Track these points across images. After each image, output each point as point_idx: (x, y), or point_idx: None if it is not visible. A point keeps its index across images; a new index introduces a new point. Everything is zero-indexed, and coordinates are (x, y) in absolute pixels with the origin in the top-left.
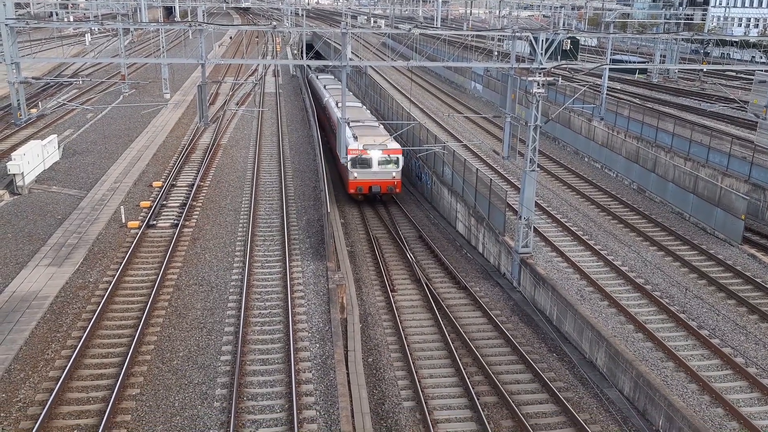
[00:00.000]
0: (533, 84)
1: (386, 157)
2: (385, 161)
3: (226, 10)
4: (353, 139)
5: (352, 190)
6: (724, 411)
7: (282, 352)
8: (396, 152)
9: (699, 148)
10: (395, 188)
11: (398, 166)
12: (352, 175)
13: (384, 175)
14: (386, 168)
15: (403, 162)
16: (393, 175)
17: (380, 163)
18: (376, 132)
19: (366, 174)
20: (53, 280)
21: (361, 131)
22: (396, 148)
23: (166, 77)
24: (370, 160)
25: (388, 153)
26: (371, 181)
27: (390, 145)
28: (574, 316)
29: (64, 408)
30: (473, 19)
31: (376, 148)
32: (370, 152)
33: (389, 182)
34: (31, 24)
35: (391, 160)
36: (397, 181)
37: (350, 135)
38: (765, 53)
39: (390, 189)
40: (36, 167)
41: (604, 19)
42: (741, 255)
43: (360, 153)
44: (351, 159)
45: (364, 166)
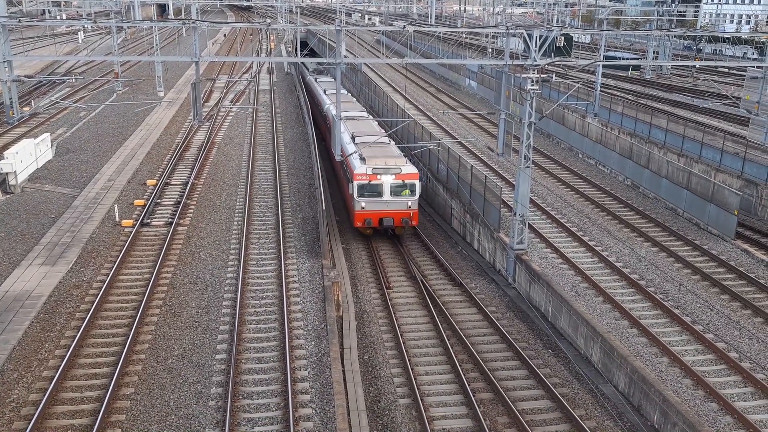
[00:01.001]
0: (527, 81)
1: (400, 183)
2: (400, 189)
3: (220, 7)
4: (360, 160)
5: (359, 222)
6: (718, 406)
7: (277, 350)
8: (412, 177)
9: (692, 144)
10: (411, 221)
11: (415, 194)
12: (358, 205)
13: (398, 205)
14: (400, 197)
15: (421, 188)
16: (408, 205)
17: (393, 191)
18: (387, 151)
19: (376, 204)
20: (46, 280)
21: (369, 151)
22: (412, 172)
23: (159, 75)
24: (381, 188)
25: (402, 178)
26: (382, 212)
27: (405, 169)
28: (569, 312)
29: (58, 408)
30: (467, 16)
31: (389, 173)
32: (381, 178)
33: (404, 213)
34: (24, 22)
35: (407, 187)
36: (413, 212)
37: (356, 155)
38: (757, 50)
39: (405, 222)
40: (29, 166)
41: (598, 16)
42: (734, 250)
43: (369, 179)
44: (358, 186)
45: (373, 194)
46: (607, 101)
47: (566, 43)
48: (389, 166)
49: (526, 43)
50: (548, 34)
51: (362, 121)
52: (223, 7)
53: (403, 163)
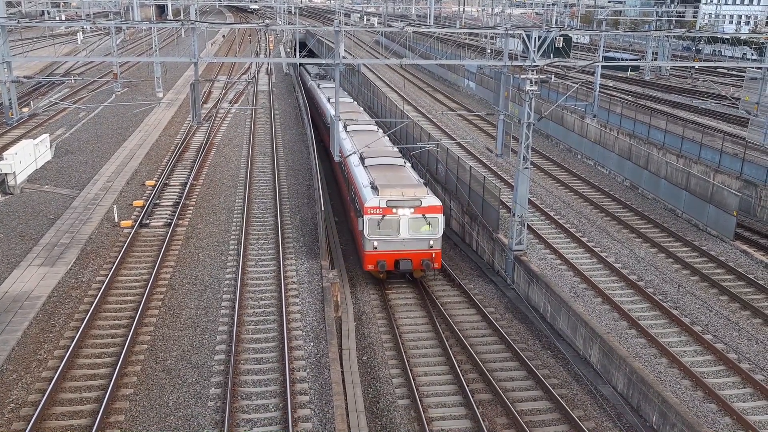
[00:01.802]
0: (526, 81)
1: (421, 218)
2: (419, 224)
3: (219, 8)
4: (371, 190)
5: (370, 265)
6: (717, 406)
7: (276, 351)
8: (434, 210)
9: (691, 145)
10: (433, 263)
11: (437, 231)
12: (369, 245)
13: (417, 245)
14: (420, 234)
15: (444, 223)
16: (430, 244)
17: (412, 227)
18: (404, 178)
19: (391, 243)
20: (45, 280)
21: (382, 177)
22: (434, 205)
23: (158, 76)
24: (398, 224)
25: (423, 212)
26: (399, 253)
27: (426, 201)
28: (568, 313)
29: (57, 409)
30: (466, 16)
31: (407, 206)
32: (398, 212)
33: (424, 254)
34: (23, 23)
35: (428, 223)
36: (435, 252)
37: (366, 182)
38: (756, 50)
39: (426, 264)
40: (28, 166)
41: (597, 17)
42: (733, 251)
43: (382, 213)
44: (369, 222)
45: (387, 231)
46: (606, 102)
47: (565, 44)
48: (407, 197)
49: (524, 44)
50: (547, 34)
51: (371, 134)
52: (221, 8)
53: (424, 194)
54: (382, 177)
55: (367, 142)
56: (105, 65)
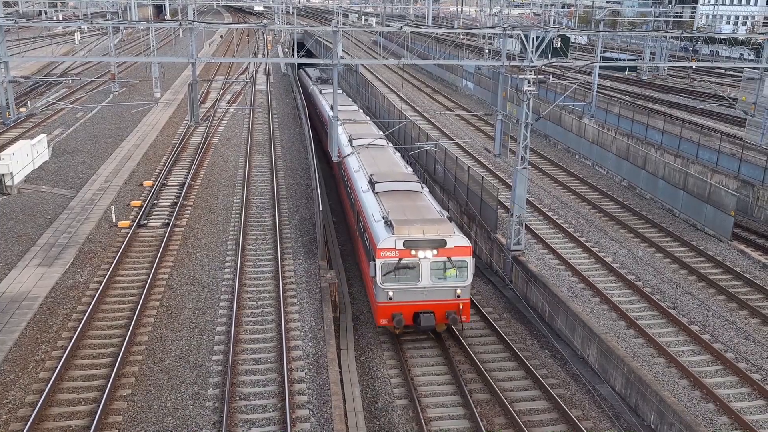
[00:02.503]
0: (524, 82)
1: (445, 262)
2: (443, 268)
3: (216, 8)
4: (384, 227)
5: (384, 319)
6: (715, 406)
7: (274, 351)
8: (462, 252)
9: (689, 145)
10: (460, 316)
11: (466, 277)
12: (383, 295)
13: (441, 294)
14: (445, 281)
15: (474, 267)
16: (457, 294)
17: (435, 273)
18: (422, 208)
19: (409, 292)
20: (43, 281)
21: (397, 209)
22: (462, 245)
23: (156, 76)
24: (417, 269)
25: (448, 254)
26: (418, 304)
27: (452, 241)
28: (566, 313)
29: (55, 409)
30: (464, 17)
31: (429, 247)
32: (418, 254)
33: (449, 305)
34: (20, 23)
35: (454, 267)
36: (463, 303)
37: (377, 215)
38: (753, 51)
39: (452, 317)
40: (25, 167)
41: (594, 17)
42: (731, 251)
43: (399, 256)
44: (382, 266)
45: (405, 278)
46: (603, 102)
47: (563, 44)
48: (429, 236)
49: (522, 44)
50: (545, 35)
51: (379, 149)
52: (219, 8)
53: (449, 231)
54: (397, 209)
55: (376, 159)
56: (102, 65)
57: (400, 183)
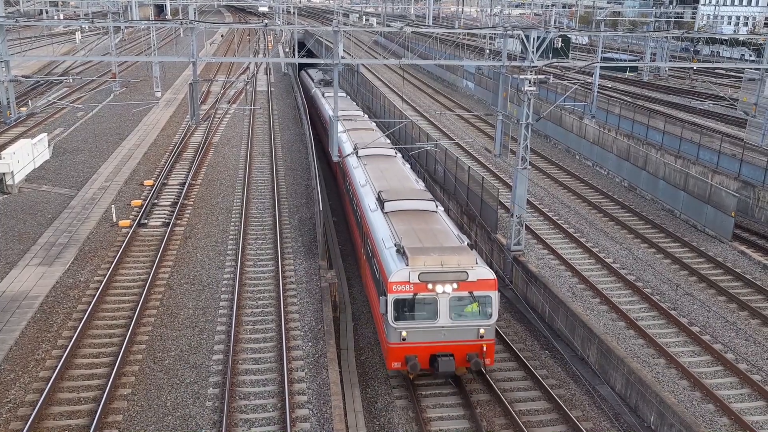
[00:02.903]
0: (525, 82)
1: (467, 298)
2: (465, 306)
3: (217, 8)
4: (397, 255)
5: (397, 362)
6: (715, 407)
7: (274, 351)
8: (486, 287)
9: (689, 146)
10: (484, 359)
11: (491, 315)
12: (395, 335)
13: (461, 334)
14: (466, 320)
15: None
16: (480, 334)
17: (455, 310)
18: (438, 233)
19: (425, 333)
20: (43, 280)
21: (410, 234)
22: (487, 279)
23: (157, 75)
24: (435, 305)
25: (470, 288)
26: (436, 345)
27: (474, 273)
28: (566, 314)
29: (55, 408)
30: (465, 17)
31: (447, 281)
32: (436, 289)
33: (471, 347)
34: (21, 22)
35: (477, 303)
36: (487, 345)
37: (388, 241)
38: (754, 51)
39: (474, 361)
40: (26, 166)
41: (595, 18)
42: (731, 252)
43: (413, 291)
44: (394, 303)
45: (421, 316)
46: (604, 103)
47: (564, 45)
48: (448, 267)
49: (523, 45)
50: (546, 35)
51: (388, 161)
52: (220, 8)
53: (472, 262)
54: (411, 233)
55: (384, 172)
56: (103, 65)
57: (412, 201)
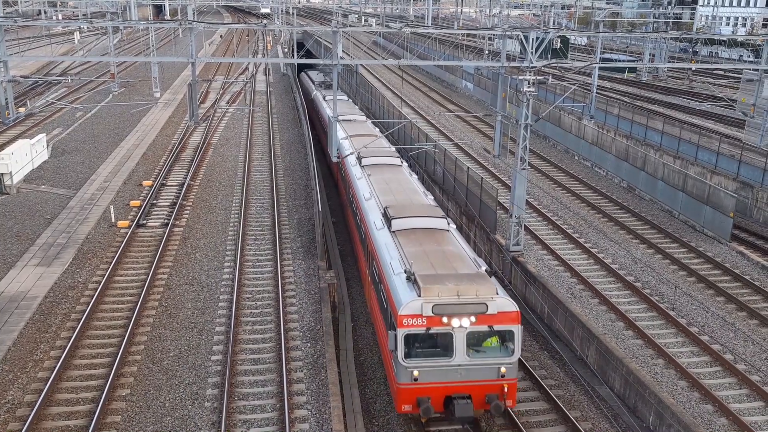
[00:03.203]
0: (524, 82)
1: (486, 332)
2: (481, 338)
3: (216, 8)
4: (407, 284)
5: (407, 405)
6: (713, 407)
7: (273, 352)
8: (508, 320)
9: (688, 147)
10: (504, 400)
11: (513, 351)
12: (405, 375)
13: (480, 373)
14: (485, 357)
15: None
16: (501, 372)
17: (472, 346)
18: (453, 257)
19: (439, 372)
20: (42, 280)
21: (422, 259)
22: (508, 310)
23: (156, 76)
24: (450, 341)
25: (490, 322)
26: (451, 386)
27: (494, 305)
28: (565, 314)
29: (54, 409)
30: (464, 17)
31: (464, 313)
32: (451, 323)
33: (491, 387)
34: (20, 22)
35: (498, 338)
36: (508, 385)
37: (397, 266)
38: (753, 52)
39: (494, 404)
40: (24, 166)
41: (594, 18)
42: (730, 252)
43: (426, 324)
44: (404, 338)
45: (434, 353)
46: (603, 103)
47: (562, 45)
48: (465, 298)
49: (522, 45)
50: (545, 35)
51: (394, 171)
52: (219, 8)
53: (491, 292)
54: (421, 256)
55: (390, 184)
56: (102, 65)
57: (422, 219)
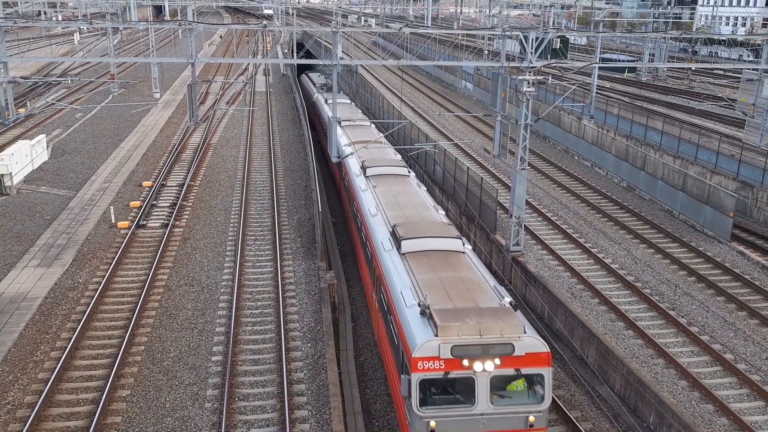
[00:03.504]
0: (523, 82)
1: (513, 376)
2: (507, 383)
3: (216, 9)
4: (421, 320)
5: None
6: (714, 407)
7: (273, 352)
8: (538, 362)
9: (688, 146)
10: None
11: (543, 397)
12: (420, 425)
13: (506, 423)
14: (511, 404)
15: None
16: (530, 422)
17: (497, 392)
18: (472, 285)
19: (460, 422)
20: (42, 281)
21: (436, 287)
22: (537, 351)
23: (155, 76)
24: (472, 386)
25: (516, 364)
26: None
27: (521, 345)
28: (565, 314)
29: (54, 410)
30: (463, 18)
31: (488, 356)
32: (474, 366)
33: None
34: (19, 23)
35: (525, 383)
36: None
37: (409, 297)
38: (752, 52)
39: None
40: (24, 167)
41: (594, 18)
42: (730, 252)
43: (444, 368)
44: (419, 383)
45: (454, 400)
46: (603, 103)
47: (562, 45)
48: (489, 338)
49: (522, 45)
50: (544, 36)
51: (401, 183)
52: (219, 9)
53: (518, 329)
54: (436, 285)
55: (398, 198)
56: (102, 66)
57: (435, 240)
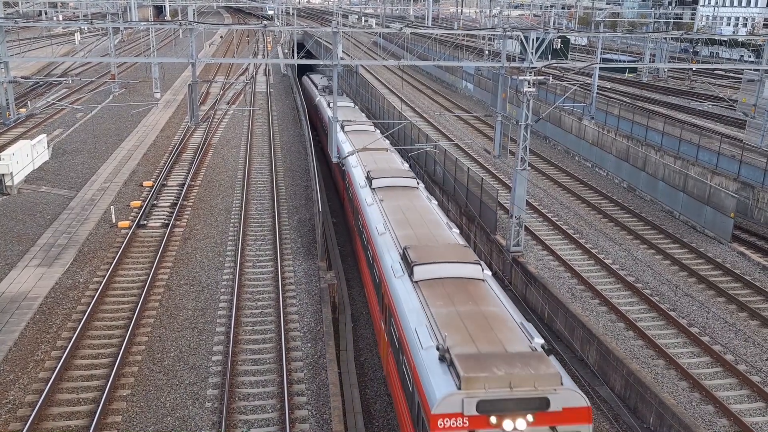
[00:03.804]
0: (524, 83)
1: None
2: None
3: (216, 9)
4: (440, 368)
5: None
6: (714, 408)
7: (274, 352)
8: (576, 417)
9: (688, 147)
10: None
11: None
12: None
13: None
14: None
15: None
16: None
17: None
18: (493, 318)
19: None
20: (43, 281)
21: (455, 325)
22: (575, 405)
23: (156, 76)
24: None
25: (552, 422)
26: None
27: (558, 399)
28: (566, 315)
29: (54, 409)
30: (464, 18)
31: (519, 410)
32: (503, 424)
33: None
34: (20, 23)
35: None
36: None
37: (426, 339)
38: (753, 52)
39: None
40: (25, 167)
41: (594, 19)
42: (730, 253)
43: (468, 427)
44: None
45: None
46: (603, 103)
47: (563, 46)
48: (521, 391)
49: (522, 46)
50: (545, 36)
51: (410, 197)
52: (219, 9)
53: (553, 381)
54: (455, 323)
55: (408, 214)
56: (102, 66)
57: (451, 266)
